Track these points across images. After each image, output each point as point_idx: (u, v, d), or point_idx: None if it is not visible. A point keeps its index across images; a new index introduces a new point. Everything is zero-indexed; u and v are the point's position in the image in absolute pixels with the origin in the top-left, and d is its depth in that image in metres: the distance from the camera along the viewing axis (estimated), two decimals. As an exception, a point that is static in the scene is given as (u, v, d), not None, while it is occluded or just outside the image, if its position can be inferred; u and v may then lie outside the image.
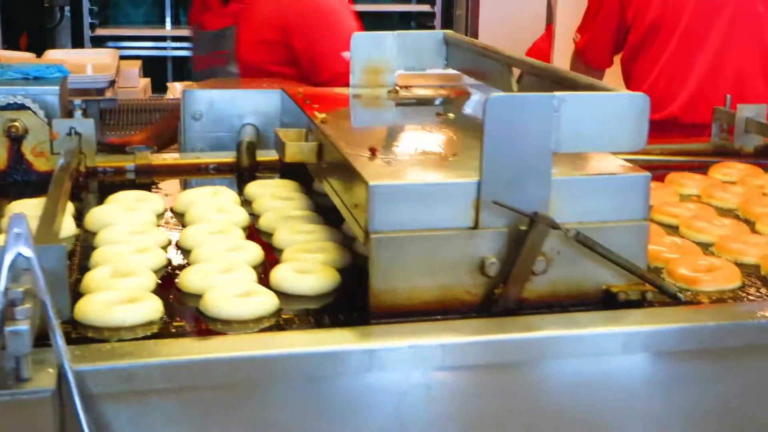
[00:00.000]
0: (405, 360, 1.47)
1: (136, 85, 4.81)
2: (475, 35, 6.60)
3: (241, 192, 2.30)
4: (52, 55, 4.66)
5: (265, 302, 1.64)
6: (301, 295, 1.71)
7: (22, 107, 2.38)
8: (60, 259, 1.45)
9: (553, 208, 1.58)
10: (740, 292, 1.75)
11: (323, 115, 2.03)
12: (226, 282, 1.70)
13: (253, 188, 2.28)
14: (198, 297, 1.67)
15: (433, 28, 6.73)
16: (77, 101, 2.53)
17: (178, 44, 6.85)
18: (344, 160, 1.70)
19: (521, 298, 1.59)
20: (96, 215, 2.07)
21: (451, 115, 2.12)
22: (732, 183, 2.45)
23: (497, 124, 1.53)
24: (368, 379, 1.47)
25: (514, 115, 1.53)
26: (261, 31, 3.53)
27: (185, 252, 1.91)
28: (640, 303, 1.63)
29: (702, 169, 2.58)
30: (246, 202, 2.23)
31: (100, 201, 2.22)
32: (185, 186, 2.47)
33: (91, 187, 2.43)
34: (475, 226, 1.57)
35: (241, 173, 2.51)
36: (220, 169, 2.55)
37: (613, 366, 1.57)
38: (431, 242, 1.56)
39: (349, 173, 1.67)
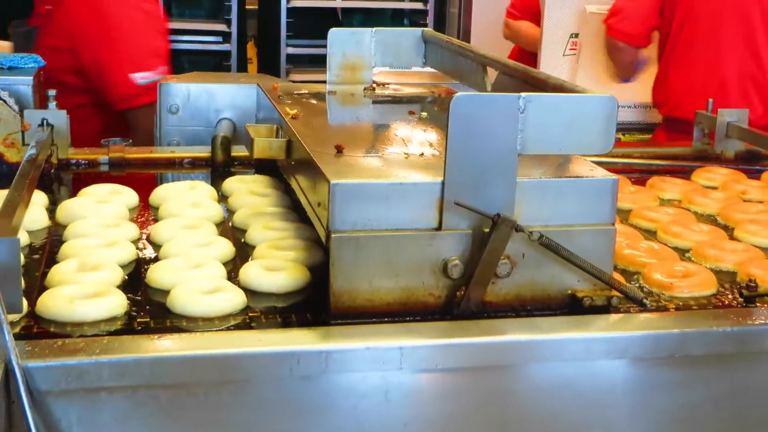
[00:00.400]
0: (362, 362, 1.45)
1: (122, 76, 4.77)
2: (468, 33, 6.58)
3: (220, 187, 2.27)
4: (38, 45, 4.62)
5: (232, 300, 1.61)
6: (270, 292, 1.68)
7: (-7, 97, 2.35)
8: (13, 252, 1.42)
9: (519, 211, 1.56)
10: (714, 299, 1.73)
11: (294, 111, 2.01)
12: (193, 278, 1.68)
13: (231, 184, 2.26)
14: (166, 293, 1.64)
15: (426, 26, 6.69)
16: (52, 92, 2.51)
17: (172, 37, 6.79)
18: (309, 157, 1.67)
19: (485, 301, 1.56)
20: (67, 208, 2.05)
21: (425, 114, 2.10)
22: (713, 188, 2.42)
23: (461, 124, 1.50)
24: (325, 381, 1.45)
25: (479, 115, 1.50)
26: (55, 36, 3.41)
27: (156, 246, 1.89)
28: (605, 308, 1.60)
29: (682, 173, 2.57)
30: (224, 198, 2.20)
31: (74, 193, 2.20)
32: (162, 180, 2.45)
33: (65, 179, 2.41)
34: (439, 227, 1.54)
35: (215, 168, 2.48)
36: (195, 164, 2.53)
37: (576, 371, 1.54)
38: (393, 243, 1.53)
39: (313, 171, 1.64)
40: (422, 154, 1.72)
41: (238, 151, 2.51)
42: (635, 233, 2.04)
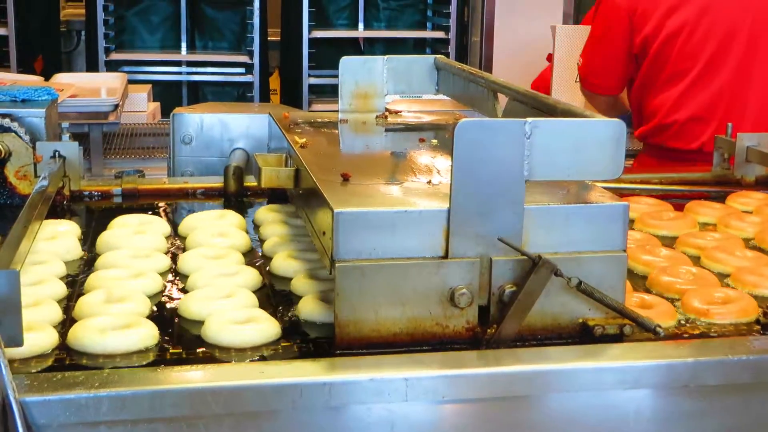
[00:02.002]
0: (366, 394, 1.41)
1: (144, 109, 4.80)
2: (490, 62, 6.57)
3: (252, 216, 2.27)
4: (60, 78, 4.65)
5: (264, 330, 1.59)
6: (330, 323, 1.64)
7: (5, 130, 2.35)
8: (12, 285, 1.40)
9: (527, 238, 1.53)
10: (756, 326, 1.69)
11: (303, 140, 1.99)
12: (226, 309, 1.67)
13: (262, 213, 2.25)
14: (196, 323, 1.64)
15: (447, 55, 6.69)
16: (65, 124, 2.51)
17: (193, 69, 6.85)
18: (314, 185, 1.65)
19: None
20: (106, 239, 2.04)
21: (435, 141, 2.07)
22: (749, 213, 2.39)
23: (466, 150, 1.47)
24: (328, 413, 1.42)
25: (485, 141, 1.48)
26: None
27: (183, 277, 1.88)
28: (618, 337, 1.57)
29: (703, 198, 2.53)
30: (257, 227, 2.20)
31: (92, 224, 2.22)
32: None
33: (77, 211, 2.40)
34: (445, 256, 1.51)
35: (228, 198, 2.47)
36: (208, 194, 2.51)
37: (588, 402, 1.50)
38: (399, 272, 1.50)
39: (318, 199, 1.62)
40: (430, 182, 1.69)
41: (252, 181, 2.49)
42: (679, 258, 2.01)
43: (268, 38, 6.82)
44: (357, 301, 1.50)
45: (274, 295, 1.81)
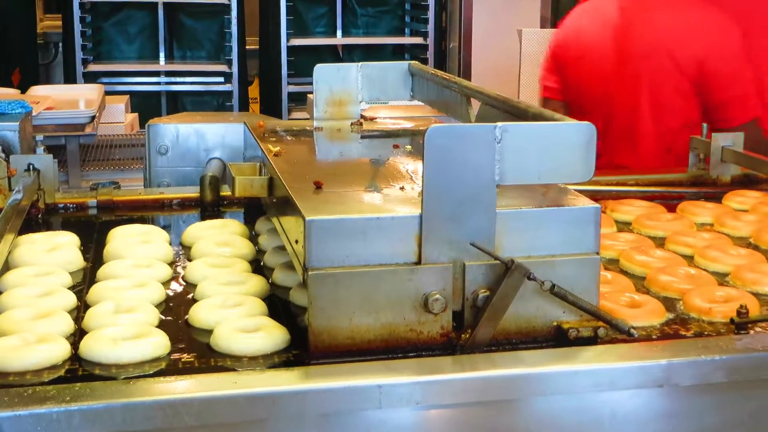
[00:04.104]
0: (340, 402, 1.41)
1: (121, 120, 4.79)
2: (468, 68, 6.58)
3: (253, 225, 2.26)
4: (37, 90, 4.63)
5: (273, 338, 1.59)
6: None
7: (-22, 143, 2.34)
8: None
9: (499, 242, 1.53)
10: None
11: (277, 148, 1.99)
12: (235, 317, 1.66)
13: (261, 223, 2.24)
14: (203, 332, 1.64)
15: (426, 60, 6.70)
16: (39, 137, 2.50)
17: (172, 79, 6.84)
18: (287, 193, 1.65)
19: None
20: (113, 249, 2.03)
21: (409, 147, 2.07)
22: (744, 211, 2.39)
23: (437, 156, 1.47)
24: (303, 422, 1.41)
25: (455, 146, 1.48)
26: None
27: (190, 286, 1.88)
28: (593, 339, 1.57)
29: (679, 199, 2.53)
30: (256, 237, 2.19)
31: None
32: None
33: (53, 224, 2.39)
34: (418, 261, 1.51)
35: (204, 208, 2.46)
36: (184, 205, 2.50)
37: (564, 405, 1.50)
38: (372, 279, 1.50)
39: (290, 207, 1.62)
40: (403, 188, 1.69)
41: (228, 190, 2.48)
42: (675, 259, 2.02)
43: (247, 47, 6.81)
44: (331, 308, 1.50)
45: (281, 303, 1.80)
